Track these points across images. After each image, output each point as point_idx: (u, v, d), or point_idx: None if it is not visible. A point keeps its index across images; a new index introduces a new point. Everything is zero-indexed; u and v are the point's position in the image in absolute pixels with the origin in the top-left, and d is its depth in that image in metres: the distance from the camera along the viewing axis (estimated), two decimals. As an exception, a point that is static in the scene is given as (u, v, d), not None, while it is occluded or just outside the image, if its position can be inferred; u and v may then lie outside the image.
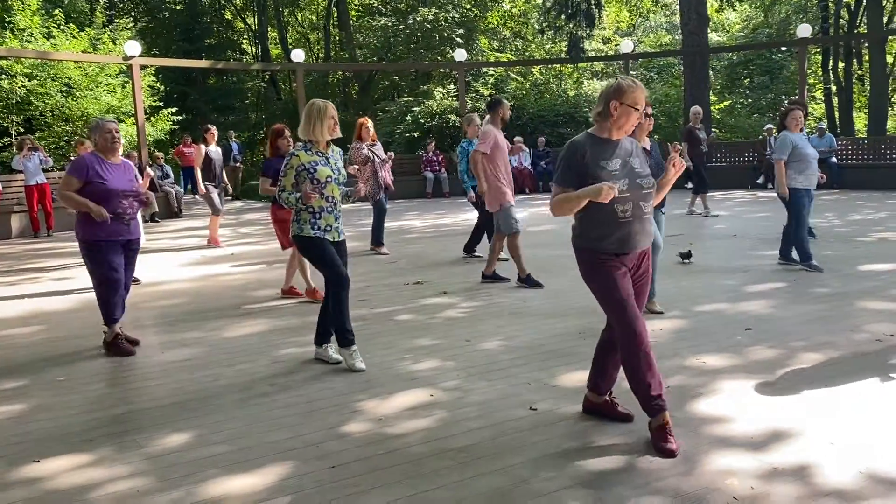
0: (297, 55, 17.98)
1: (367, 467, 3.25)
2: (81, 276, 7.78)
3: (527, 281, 7.01)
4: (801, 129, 7.38)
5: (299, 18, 36.62)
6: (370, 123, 9.05)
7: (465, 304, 6.42)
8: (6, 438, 3.72)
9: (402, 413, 3.88)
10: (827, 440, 3.34)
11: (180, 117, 20.62)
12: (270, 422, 3.82)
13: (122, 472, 3.28)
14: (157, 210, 14.59)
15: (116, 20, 21.65)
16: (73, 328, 6.04)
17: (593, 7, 25.15)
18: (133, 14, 30.11)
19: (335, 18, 32.93)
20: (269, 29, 33.98)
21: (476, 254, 8.82)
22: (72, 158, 14.16)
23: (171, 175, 16.08)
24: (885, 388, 3.97)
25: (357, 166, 8.91)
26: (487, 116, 7.21)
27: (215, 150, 10.60)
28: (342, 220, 4.76)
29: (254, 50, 35.88)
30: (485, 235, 8.59)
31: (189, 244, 11.24)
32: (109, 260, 5.07)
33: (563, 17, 25.42)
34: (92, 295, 5.41)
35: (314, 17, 36.56)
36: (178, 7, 30.34)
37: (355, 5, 30.90)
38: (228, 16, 34.68)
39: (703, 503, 2.84)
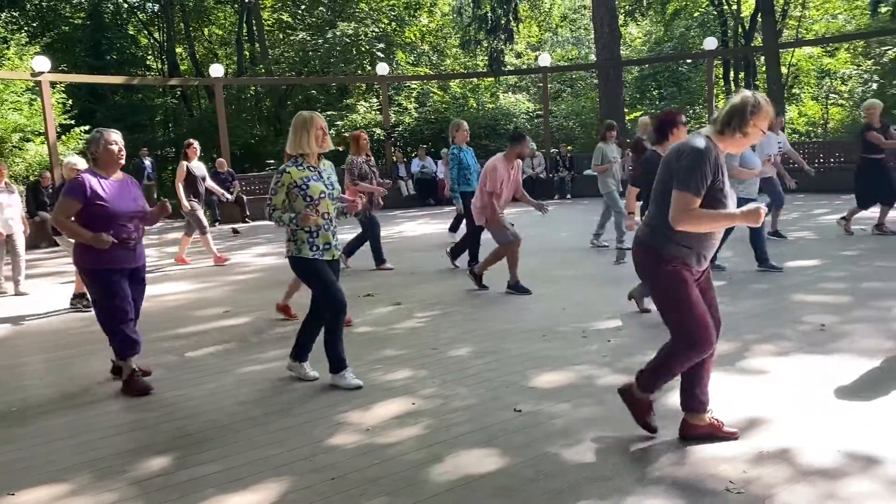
0: (216, 70, 17.58)
1: (366, 477, 3.22)
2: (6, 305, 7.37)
3: (517, 288, 7.04)
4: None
5: (206, 34, 35.83)
6: (366, 137, 8.57)
7: (422, 314, 6.44)
8: (-32, 474, 3.48)
9: (388, 422, 3.86)
10: (801, 423, 3.54)
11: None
12: (255, 438, 3.73)
13: (108, 500, 3.13)
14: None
15: (13, 35, 20.52)
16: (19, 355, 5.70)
17: (512, 21, 25.73)
18: (27, 29, 28.69)
19: (245, 33, 32.40)
20: (176, 44, 33.08)
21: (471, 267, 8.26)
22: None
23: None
24: (841, 371, 4.23)
25: (361, 182, 8.34)
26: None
27: (197, 166, 10.02)
28: (337, 237, 4.55)
29: (160, 65, 34.83)
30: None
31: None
32: (116, 289, 4.53)
33: (482, 31, 25.88)
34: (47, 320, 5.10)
35: (223, 32, 35.86)
36: (78, 21, 29.15)
37: (265, 20, 30.46)
38: (132, 31, 33.57)
39: (703, 488, 2.96)
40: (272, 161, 23.59)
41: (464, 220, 8.72)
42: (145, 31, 34.50)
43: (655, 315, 5.85)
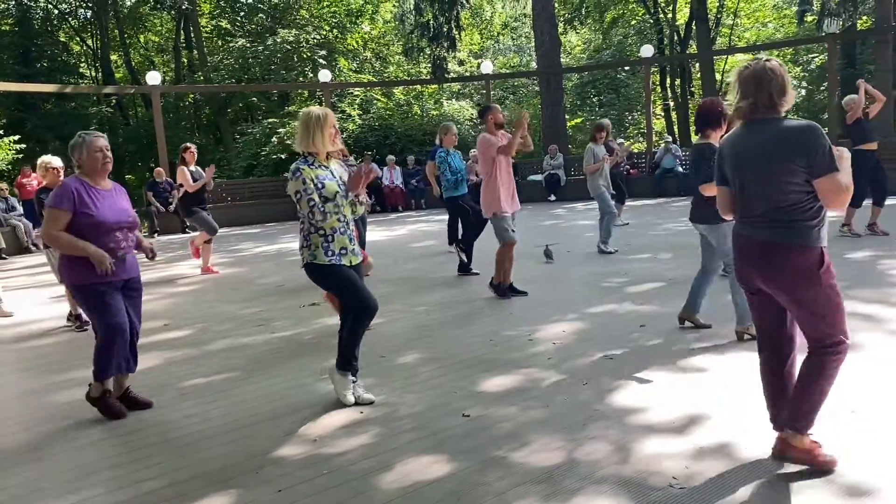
0: (153, 77, 17.20)
1: (314, 488, 3.19)
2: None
3: (498, 289, 7.00)
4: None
5: (142, 41, 35.04)
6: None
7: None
8: None
9: (335, 432, 3.83)
10: (737, 417, 3.65)
11: (23, 146, 19.08)
12: (198, 453, 3.65)
13: (45, 523, 3.02)
14: (3, 246, 13.39)
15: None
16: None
17: (454, 29, 25.89)
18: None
19: (183, 40, 31.82)
20: (110, 52, 32.23)
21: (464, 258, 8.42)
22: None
23: (18, 207, 14.81)
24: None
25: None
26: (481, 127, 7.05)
27: (197, 171, 9.52)
28: (355, 240, 4.25)
29: (93, 73, 33.92)
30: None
31: (51, 279, 10.40)
32: (109, 303, 4.15)
33: (425, 39, 25.97)
34: None
35: (159, 39, 35.13)
36: (6, 28, 28.16)
37: (203, 27, 29.96)
38: (63, 38, 32.58)
39: (647, 485, 3.03)
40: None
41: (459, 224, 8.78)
42: (77, 38, 33.58)
43: (602, 317, 5.98)
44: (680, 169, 17.56)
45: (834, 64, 18.40)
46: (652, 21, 29.42)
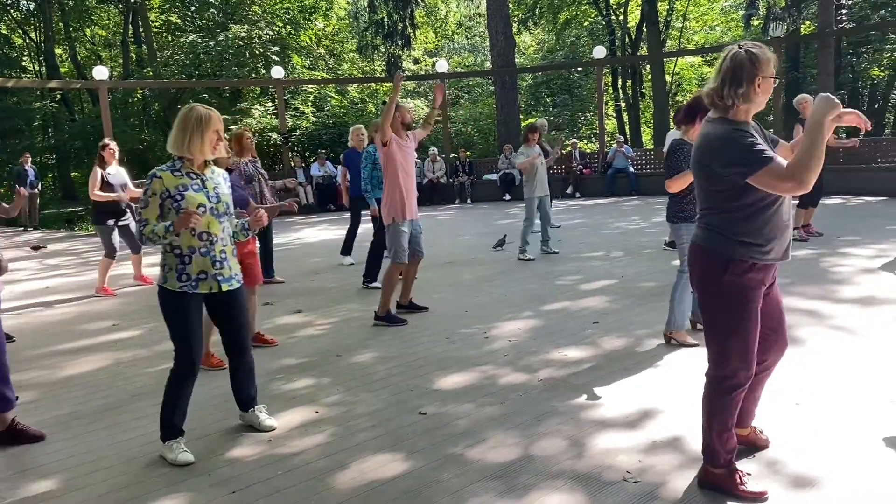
0: (101, 72, 16.73)
1: (270, 489, 3.16)
2: None
3: (386, 318, 6.09)
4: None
5: (88, 34, 34.09)
6: (250, 135, 7.46)
7: (323, 322, 6.36)
8: None
9: (291, 432, 3.80)
10: (689, 411, 3.73)
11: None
12: (150, 455, 3.58)
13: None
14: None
15: None
16: None
17: (409, 27, 25.83)
18: None
19: (131, 35, 31.07)
20: (54, 45, 31.27)
21: (375, 285, 7.57)
22: None
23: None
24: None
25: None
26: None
27: (118, 173, 8.10)
28: (230, 263, 3.61)
29: (37, 67, 32.88)
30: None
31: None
32: None
33: (379, 37, 25.86)
34: None
35: (106, 33, 34.22)
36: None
37: (153, 22, 29.30)
38: (5, 30, 31.49)
39: (602, 480, 3.07)
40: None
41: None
42: (20, 31, 32.49)
43: (557, 315, 6.04)
44: (632, 169, 17.85)
45: (779, 67, 18.92)
46: (604, 23, 29.86)
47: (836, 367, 4.29)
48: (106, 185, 7.94)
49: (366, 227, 8.65)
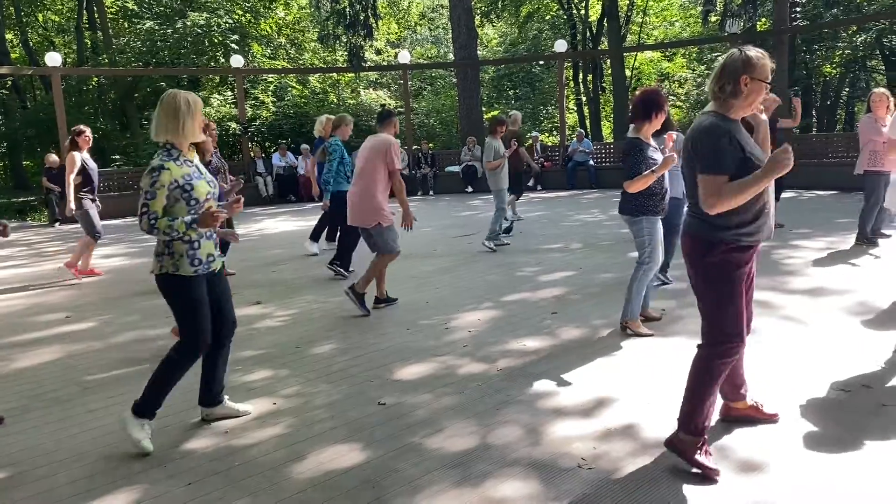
0: (54, 59, 16.27)
1: (226, 480, 3.14)
2: None
3: (361, 300, 6.07)
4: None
5: (41, 20, 33.15)
6: (214, 125, 7.42)
7: (282, 313, 6.32)
8: None
9: (247, 424, 3.78)
10: (643, 400, 3.81)
11: None
12: (102, 448, 3.53)
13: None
14: None
15: None
16: None
17: (371, 18, 25.65)
18: None
19: (86, 20, 30.29)
20: (5, 31, 30.33)
21: (349, 270, 7.78)
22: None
23: None
24: (678, 351, 4.58)
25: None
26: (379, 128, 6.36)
27: (89, 158, 8.22)
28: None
29: (-14, 53, 31.89)
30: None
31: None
32: None
33: (341, 26, 25.64)
34: None
35: (59, 19, 33.32)
36: None
37: (108, 8, 28.59)
38: (-47, 14, 30.48)
39: (557, 466, 3.12)
40: (117, 157, 22.22)
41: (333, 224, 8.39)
42: (-32, 15, 31.45)
43: (516, 305, 6.09)
44: (591, 162, 18.03)
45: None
46: (565, 17, 30.03)
47: (784, 356, 4.41)
48: (83, 170, 8.07)
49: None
